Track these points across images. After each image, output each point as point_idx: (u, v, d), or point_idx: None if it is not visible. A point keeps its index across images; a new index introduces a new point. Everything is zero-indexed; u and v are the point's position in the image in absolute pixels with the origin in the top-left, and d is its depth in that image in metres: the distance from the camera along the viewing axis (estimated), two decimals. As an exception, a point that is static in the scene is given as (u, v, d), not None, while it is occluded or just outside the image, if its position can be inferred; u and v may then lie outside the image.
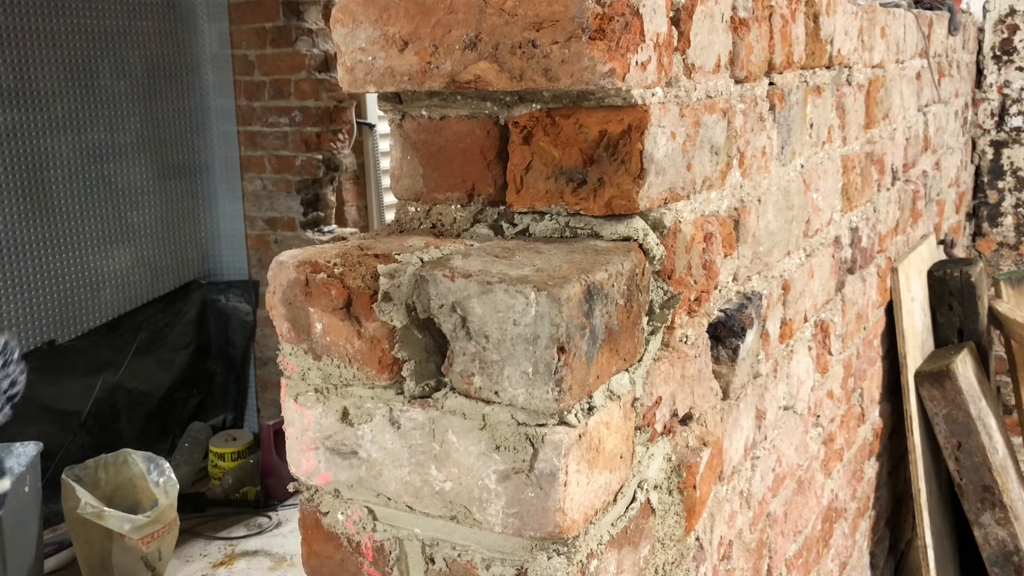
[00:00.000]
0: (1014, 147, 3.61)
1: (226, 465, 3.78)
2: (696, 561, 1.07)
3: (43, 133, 3.56)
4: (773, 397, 1.33)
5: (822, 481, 1.64)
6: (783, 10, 1.24)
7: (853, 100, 1.67)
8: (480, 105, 0.91)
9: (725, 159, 1.08)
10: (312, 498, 0.89)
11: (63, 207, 3.66)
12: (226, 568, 3.25)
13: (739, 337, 1.12)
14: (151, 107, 3.99)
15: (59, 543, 3.30)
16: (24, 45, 3.46)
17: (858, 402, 1.88)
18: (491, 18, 0.85)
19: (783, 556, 1.43)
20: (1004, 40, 3.57)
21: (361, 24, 0.92)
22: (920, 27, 2.26)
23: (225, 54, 4.20)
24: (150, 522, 2.96)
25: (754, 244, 1.20)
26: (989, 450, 2.07)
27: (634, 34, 0.84)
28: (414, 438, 0.81)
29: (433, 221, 0.96)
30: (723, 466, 1.13)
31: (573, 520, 0.77)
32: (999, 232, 3.67)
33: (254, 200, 4.28)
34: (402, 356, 0.80)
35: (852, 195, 1.70)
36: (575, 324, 0.75)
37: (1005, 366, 3.10)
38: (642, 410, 0.91)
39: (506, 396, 0.76)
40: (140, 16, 3.92)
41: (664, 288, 0.93)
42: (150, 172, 4.02)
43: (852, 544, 1.91)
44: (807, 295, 1.47)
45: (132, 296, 3.98)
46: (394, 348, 0.80)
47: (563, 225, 0.90)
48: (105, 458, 3.18)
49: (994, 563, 2.10)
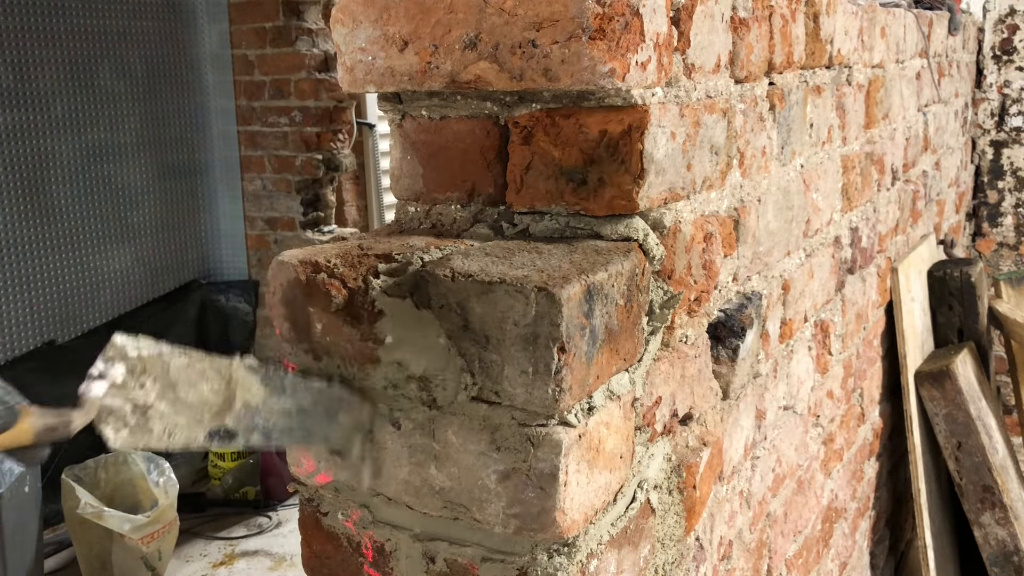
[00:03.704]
0: (1014, 147, 3.61)
1: (226, 465, 3.78)
2: (696, 561, 1.07)
3: (43, 133, 3.56)
4: (773, 397, 1.33)
5: (822, 481, 1.64)
6: (783, 10, 1.24)
7: (853, 100, 1.67)
8: (480, 105, 0.91)
9: (725, 159, 1.08)
10: (312, 498, 0.90)
11: (63, 207, 3.66)
12: (226, 568, 3.25)
13: (739, 337, 1.12)
14: (151, 107, 3.99)
15: (59, 543, 3.30)
16: (24, 45, 3.46)
17: (858, 402, 1.88)
18: (491, 18, 0.85)
19: (783, 556, 1.43)
20: (1004, 40, 3.57)
21: (361, 24, 0.92)
22: (920, 27, 2.26)
23: (225, 54, 4.20)
24: (150, 522, 2.96)
25: (754, 244, 1.20)
26: (989, 450, 2.07)
27: (634, 34, 0.84)
28: (414, 438, 0.81)
29: (433, 221, 0.96)
30: (723, 466, 1.13)
31: (573, 520, 0.77)
32: (999, 232, 3.67)
33: (254, 200, 4.28)
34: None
35: (852, 195, 1.70)
36: (575, 324, 0.75)
37: (1005, 366, 3.10)
38: (642, 410, 0.91)
39: (506, 396, 0.76)
40: (140, 16, 3.92)
41: (664, 288, 0.93)
42: (150, 172, 4.02)
43: (852, 544, 1.91)
44: (807, 295, 1.47)
45: (132, 296, 3.98)
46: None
47: (563, 225, 0.90)
48: (105, 458, 3.18)
49: (994, 563, 2.10)
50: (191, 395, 0.72)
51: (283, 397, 0.78)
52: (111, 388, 0.68)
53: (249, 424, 0.76)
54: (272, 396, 0.78)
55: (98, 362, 0.70)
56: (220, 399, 0.74)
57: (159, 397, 0.70)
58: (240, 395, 0.75)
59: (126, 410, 0.69)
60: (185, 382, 0.72)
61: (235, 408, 0.75)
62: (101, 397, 0.68)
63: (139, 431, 0.69)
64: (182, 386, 0.72)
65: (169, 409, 0.71)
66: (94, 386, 0.69)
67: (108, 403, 0.68)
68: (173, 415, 0.71)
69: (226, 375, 0.75)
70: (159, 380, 0.71)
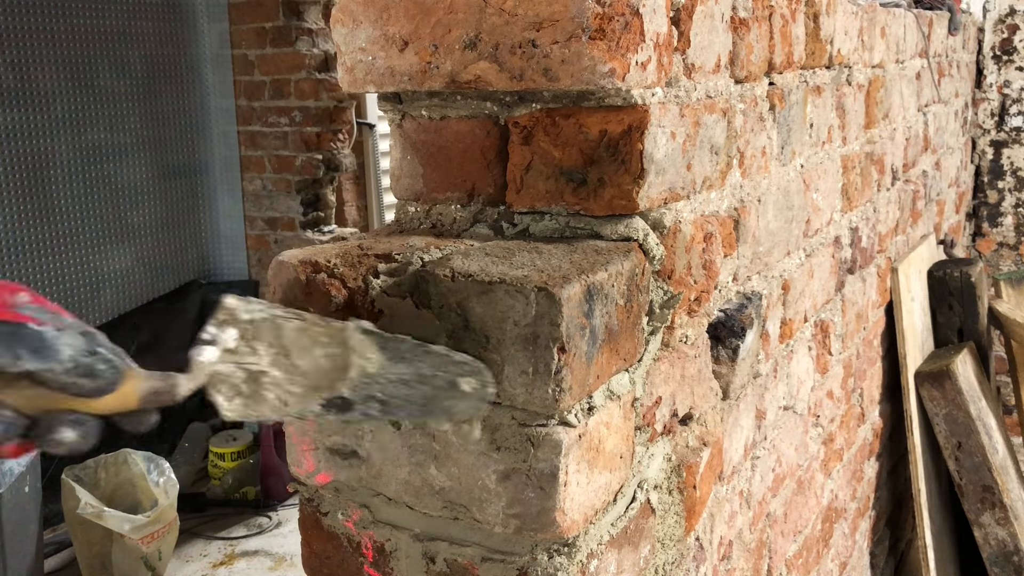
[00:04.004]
0: (1014, 147, 3.61)
1: (226, 465, 3.78)
2: (696, 561, 1.07)
3: (43, 133, 3.56)
4: (773, 397, 1.33)
5: (822, 481, 1.64)
6: (783, 10, 1.24)
7: (853, 100, 1.67)
8: (480, 105, 0.91)
9: (725, 159, 1.08)
10: (312, 498, 0.90)
11: (63, 207, 3.66)
12: (226, 568, 3.24)
13: (739, 337, 1.12)
14: (151, 107, 3.99)
15: (59, 543, 3.30)
16: (24, 45, 3.46)
17: (858, 402, 1.88)
18: (491, 18, 0.85)
19: (783, 556, 1.43)
20: (1004, 40, 3.57)
21: (361, 24, 0.92)
22: (920, 27, 2.26)
23: (225, 54, 4.20)
24: (150, 522, 2.96)
25: (754, 244, 1.20)
26: (989, 450, 2.07)
27: (634, 34, 0.84)
28: (414, 438, 0.81)
29: (433, 221, 0.96)
30: (723, 466, 1.13)
31: (573, 520, 0.78)
32: (999, 232, 3.67)
33: (254, 200, 4.28)
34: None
35: (852, 195, 1.70)
36: (575, 324, 0.75)
37: (1005, 366, 3.10)
38: (642, 410, 0.91)
39: (506, 396, 0.76)
40: (140, 16, 3.92)
41: (664, 288, 0.93)
42: (150, 172, 4.02)
43: (852, 544, 1.91)
44: (807, 295, 1.47)
45: (132, 296, 3.98)
46: (394, 348, 0.80)
47: (563, 225, 0.90)
48: (105, 458, 3.18)
49: (994, 563, 2.10)
50: (306, 361, 0.67)
51: (401, 364, 0.72)
52: (223, 353, 0.65)
53: (365, 393, 0.70)
54: (390, 363, 0.71)
55: (208, 326, 0.65)
56: (335, 366, 0.68)
57: (272, 363, 0.66)
58: (356, 361, 0.69)
59: (239, 377, 0.65)
60: (299, 347, 0.67)
61: (351, 376, 0.69)
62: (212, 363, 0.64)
63: (252, 399, 0.65)
64: (296, 352, 0.67)
65: (283, 376, 0.66)
66: (205, 351, 0.65)
67: (220, 369, 0.64)
68: (287, 383, 0.66)
69: (341, 340, 0.69)
70: (273, 345, 0.66)
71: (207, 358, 0.65)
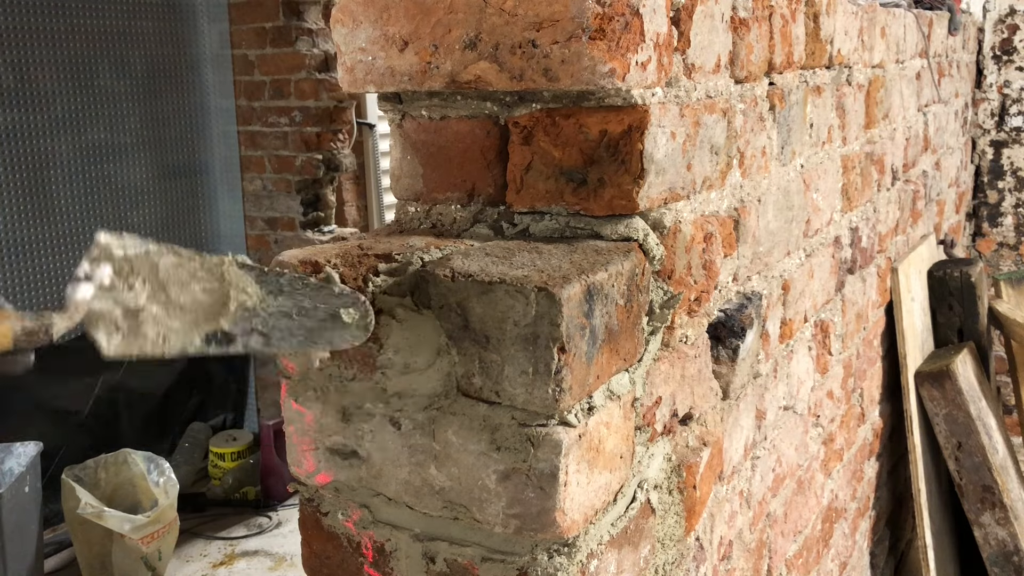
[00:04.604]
0: (1014, 147, 3.61)
1: (226, 465, 3.78)
2: (696, 561, 1.07)
3: (43, 133, 3.56)
4: (773, 397, 1.33)
5: (822, 481, 1.64)
6: (783, 10, 1.24)
7: (853, 100, 1.67)
8: (480, 105, 0.91)
9: (725, 159, 1.08)
10: (312, 498, 0.90)
11: (63, 207, 3.66)
12: (226, 568, 3.24)
13: (739, 337, 1.12)
14: (151, 107, 3.99)
15: (59, 543, 3.30)
16: (24, 45, 3.46)
17: (858, 402, 1.88)
18: (491, 18, 0.85)
19: (783, 556, 1.43)
20: (1004, 40, 3.57)
21: (361, 24, 0.92)
22: (920, 27, 2.26)
23: (225, 54, 4.20)
24: (150, 522, 2.96)
25: (754, 244, 1.20)
26: (989, 450, 2.07)
27: (634, 34, 0.84)
28: (414, 438, 0.81)
29: (433, 221, 0.96)
30: (723, 466, 1.13)
31: (573, 520, 0.77)
32: (999, 232, 3.67)
33: (254, 200, 4.28)
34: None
35: (852, 195, 1.70)
36: (575, 324, 0.75)
37: (1005, 366, 3.10)
38: (642, 410, 0.91)
39: (506, 396, 0.76)
40: (140, 16, 3.92)
41: (664, 288, 0.93)
42: (150, 172, 4.02)
43: (852, 544, 1.91)
44: (807, 295, 1.47)
45: (132, 296, 3.97)
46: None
47: (563, 225, 0.90)
48: (105, 458, 3.18)
49: (994, 563, 2.10)
50: (183, 296, 0.67)
51: (280, 297, 0.73)
52: (98, 290, 0.64)
53: (247, 326, 0.70)
54: (269, 296, 0.72)
55: (83, 263, 0.64)
56: (214, 300, 0.69)
57: (150, 299, 0.65)
58: (235, 295, 0.70)
59: (116, 314, 0.64)
60: (176, 282, 0.67)
61: (231, 310, 0.69)
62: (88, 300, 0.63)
63: (132, 336, 0.65)
64: (173, 287, 0.67)
65: (162, 312, 0.66)
66: (80, 288, 0.64)
67: (96, 307, 0.63)
68: (166, 318, 0.66)
69: (218, 274, 0.70)
70: (149, 281, 0.66)
71: (82, 295, 0.64)
